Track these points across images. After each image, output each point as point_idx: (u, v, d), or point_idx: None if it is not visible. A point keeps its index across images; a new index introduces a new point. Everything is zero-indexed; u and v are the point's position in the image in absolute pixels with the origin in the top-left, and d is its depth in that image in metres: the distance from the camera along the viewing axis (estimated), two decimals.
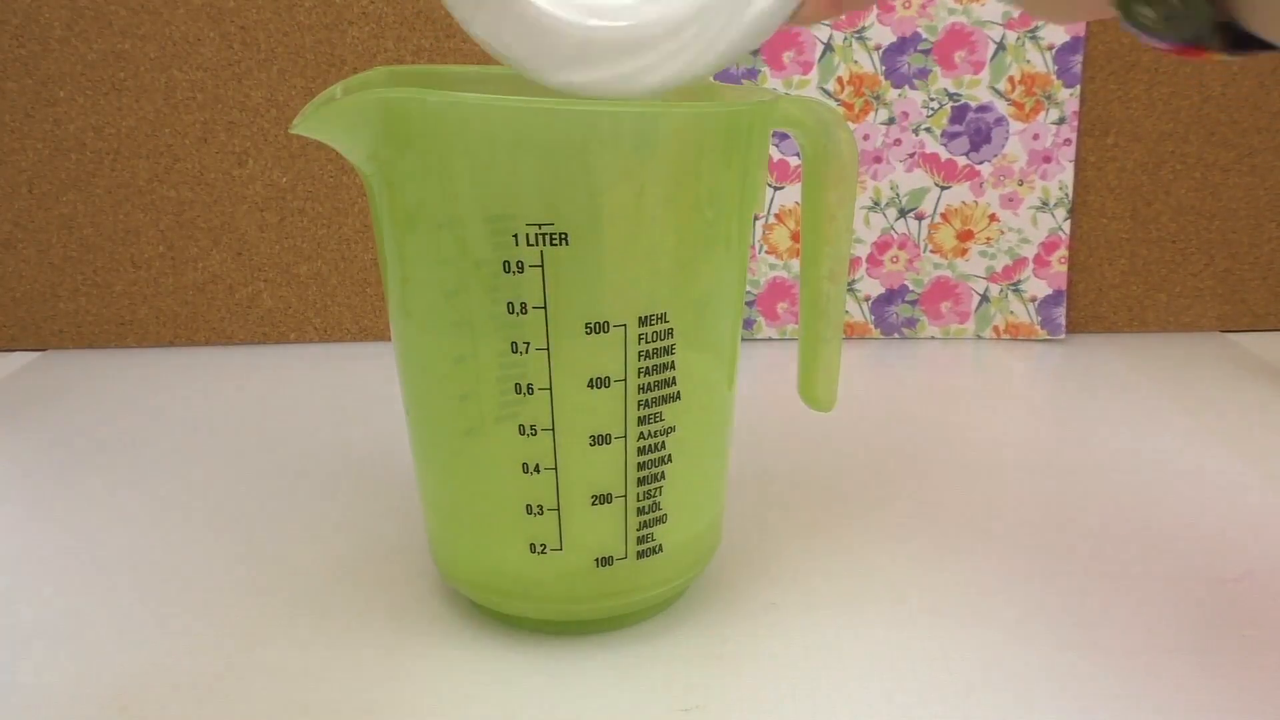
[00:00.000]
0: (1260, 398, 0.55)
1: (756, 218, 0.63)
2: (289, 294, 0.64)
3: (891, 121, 0.62)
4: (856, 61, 0.61)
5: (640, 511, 0.33)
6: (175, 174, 0.62)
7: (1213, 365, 0.60)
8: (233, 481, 0.47)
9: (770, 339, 0.64)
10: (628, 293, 0.30)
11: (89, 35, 0.59)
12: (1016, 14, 0.60)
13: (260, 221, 0.63)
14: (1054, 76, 0.61)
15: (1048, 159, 0.62)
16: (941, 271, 0.64)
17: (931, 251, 0.63)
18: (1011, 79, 0.61)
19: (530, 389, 0.31)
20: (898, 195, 0.63)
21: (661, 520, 0.33)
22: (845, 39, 0.61)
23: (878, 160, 0.62)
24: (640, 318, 0.31)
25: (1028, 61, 0.61)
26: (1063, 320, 0.64)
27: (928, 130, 0.62)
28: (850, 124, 0.62)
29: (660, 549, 0.33)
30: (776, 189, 0.63)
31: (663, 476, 0.33)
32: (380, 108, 0.29)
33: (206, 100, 0.61)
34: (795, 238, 0.63)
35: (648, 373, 0.31)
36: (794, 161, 0.62)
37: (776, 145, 0.62)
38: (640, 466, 0.32)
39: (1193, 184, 0.64)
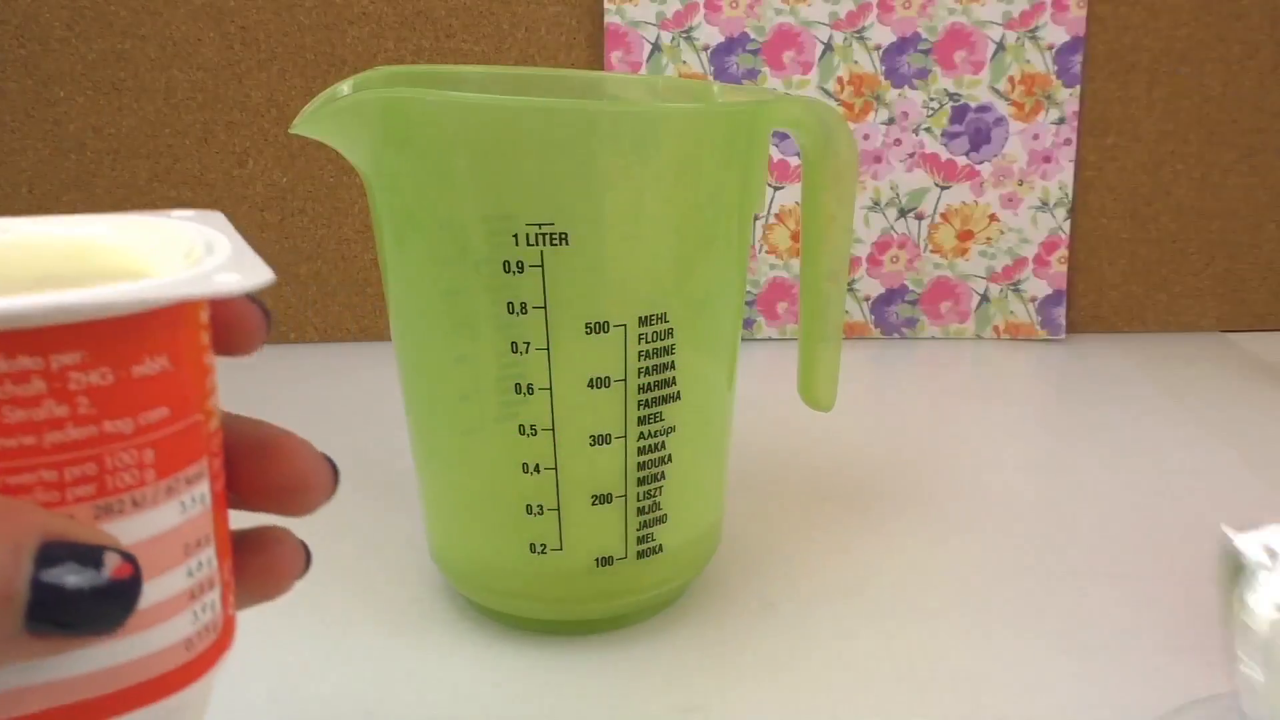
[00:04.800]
0: (1260, 398, 0.55)
1: (756, 218, 0.63)
2: (289, 294, 0.64)
3: (891, 121, 0.62)
4: (856, 61, 0.61)
5: (640, 511, 0.33)
6: (175, 174, 0.62)
7: (1213, 365, 0.60)
8: None
9: (770, 339, 0.64)
10: (628, 292, 0.30)
11: (89, 35, 0.59)
12: (1017, 14, 0.60)
13: (260, 221, 0.63)
14: (1054, 76, 0.61)
15: (1048, 159, 0.62)
16: (941, 271, 0.64)
17: (931, 251, 0.63)
18: (1011, 79, 0.61)
19: (530, 389, 0.31)
20: (898, 195, 0.63)
21: (661, 520, 0.33)
22: (845, 39, 0.61)
23: (878, 160, 0.62)
24: (640, 318, 0.31)
25: (1028, 61, 0.61)
26: (1063, 320, 0.64)
27: (928, 130, 0.62)
28: (850, 124, 0.62)
29: (660, 549, 0.33)
30: (776, 189, 0.63)
31: (663, 476, 0.33)
32: (380, 108, 0.29)
33: (206, 100, 0.61)
34: (795, 238, 0.63)
35: (648, 373, 0.31)
36: (794, 161, 0.62)
37: (776, 145, 0.62)
38: (640, 466, 0.32)
39: (1193, 184, 0.64)
